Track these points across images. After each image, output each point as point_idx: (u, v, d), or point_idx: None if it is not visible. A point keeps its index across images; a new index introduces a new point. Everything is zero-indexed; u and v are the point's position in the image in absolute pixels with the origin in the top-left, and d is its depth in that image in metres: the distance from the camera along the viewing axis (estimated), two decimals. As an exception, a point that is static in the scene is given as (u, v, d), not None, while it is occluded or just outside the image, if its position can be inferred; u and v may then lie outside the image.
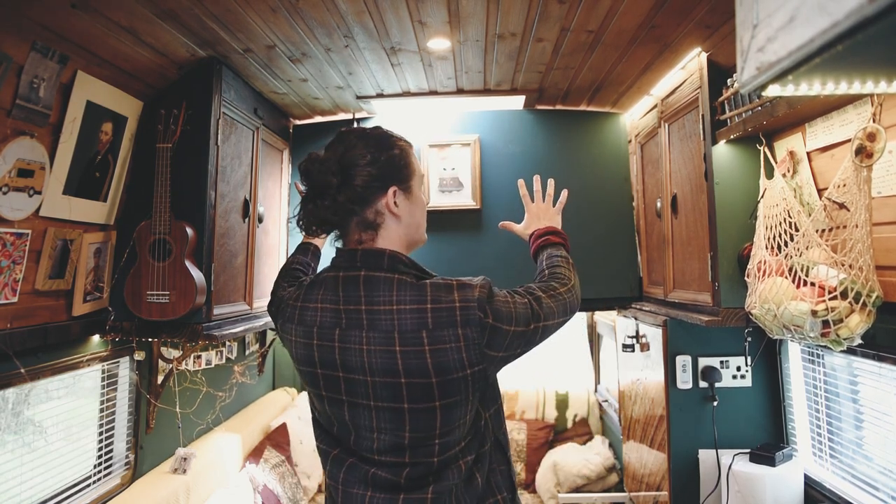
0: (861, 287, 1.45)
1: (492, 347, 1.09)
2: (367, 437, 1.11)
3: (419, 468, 1.10)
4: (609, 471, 3.68)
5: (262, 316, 2.62)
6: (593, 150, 2.97)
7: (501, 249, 2.91)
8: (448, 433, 1.10)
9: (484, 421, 1.18)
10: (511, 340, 1.12)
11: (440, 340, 1.05)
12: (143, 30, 1.78)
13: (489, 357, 1.09)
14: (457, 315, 1.06)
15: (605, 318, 3.83)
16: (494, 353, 1.10)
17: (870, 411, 1.82)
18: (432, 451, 1.09)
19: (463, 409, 1.10)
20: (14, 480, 1.76)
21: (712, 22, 1.86)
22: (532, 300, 1.20)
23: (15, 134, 1.56)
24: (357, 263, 1.14)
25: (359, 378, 1.09)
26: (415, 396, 1.07)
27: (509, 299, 1.15)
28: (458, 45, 2.11)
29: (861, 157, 1.45)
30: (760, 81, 0.69)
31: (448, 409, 1.08)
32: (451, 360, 1.05)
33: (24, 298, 1.71)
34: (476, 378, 1.09)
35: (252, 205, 2.50)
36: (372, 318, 1.08)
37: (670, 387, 2.32)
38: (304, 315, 1.16)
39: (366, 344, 1.08)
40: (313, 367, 1.14)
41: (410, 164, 1.23)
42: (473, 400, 1.13)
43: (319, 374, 1.14)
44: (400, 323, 1.06)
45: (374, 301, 1.09)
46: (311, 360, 1.14)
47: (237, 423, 3.03)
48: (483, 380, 1.12)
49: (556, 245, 1.47)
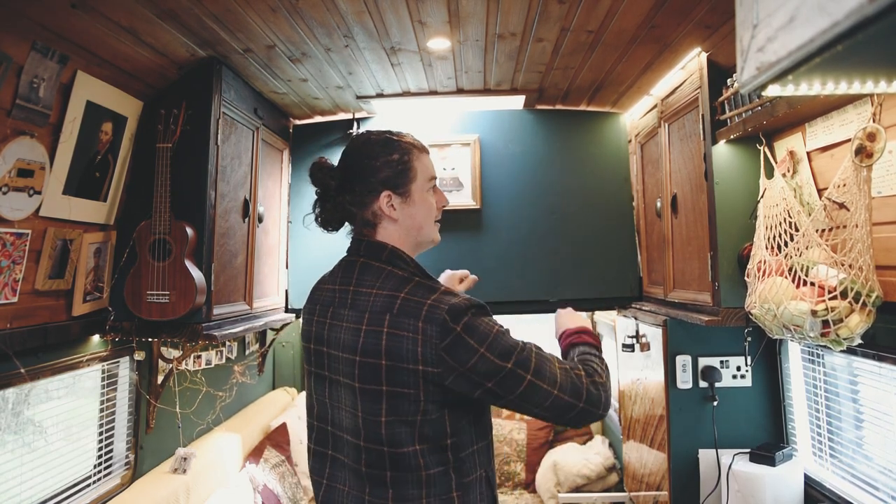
0: (861, 287, 1.45)
1: (452, 355, 1.07)
2: (338, 411, 1.19)
3: (372, 454, 1.13)
4: (609, 470, 3.68)
5: (261, 316, 2.62)
6: (593, 150, 2.97)
7: (501, 249, 2.91)
8: (396, 424, 1.10)
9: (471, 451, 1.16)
10: (479, 363, 1.07)
11: (399, 327, 1.10)
12: (143, 30, 1.78)
13: (448, 364, 1.08)
14: (423, 310, 1.10)
15: (605, 318, 3.82)
16: (454, 362, 1.08)
17: (870, 411, 1.82)
18: (381, 438, 1.11)
19: (413, 405, 1.10)
20: (14, 480, 1.75)
21: (712, 22, 1.86)
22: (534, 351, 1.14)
23: (15, 134, 1.56)
24: (360, 252, 1.24)
25: (335, 353, 1.18)
26: (365, 376, 1.12)
27: (497, 329, 1.12)
28: (458, 44, 2.11)
29: (861, 157, 1.45)
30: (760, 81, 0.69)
31: (394, 397, 1.10)
32: (405, 349, 1.09)
33: (24, 298, 1.71)
34: (430, 379, 1.09)
35: (252, 205, 2.50)
36: (355, 298, 1.18)
37: (670, 387, 2.32)
38: (315, 294, 1.32)
39: (345, 321, 1.17)
40: (309, 343, 1.26)
41: (411, 169, 1.24)
42: (427, 402, 1.10)
43: (312, 348, 1.25)
44: (372, 304, 1.14)
45: (362, 283, 1.19)
46: (309, 336, 1.26)
47: (237, 422, 3.02)
48: (440, 386, 1.09)
49: (589, 345, 1.32)
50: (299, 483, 3.06)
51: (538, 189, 2.94)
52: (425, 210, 1.26)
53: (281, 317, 2.83)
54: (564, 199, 2.93)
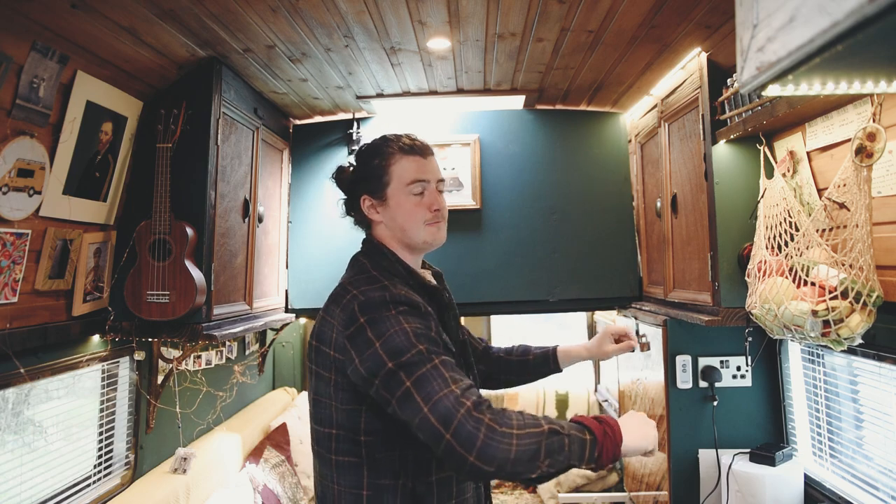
0: (861, 287, 1.45)
1: (353, 345, 1.09)
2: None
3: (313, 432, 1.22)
4: (609, 470, 3.68)
5: (261, 316, 2.62)
6: (593, 150, 2.97)
7: (501, 249, 2.91)
8: (320, 404, 1.17)
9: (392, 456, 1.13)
10: (370, 357, 1.05)
11: (328, 313, 1.19)
12: (143, 30, 1.78)
13: (349, 354, 1.10)
14: (344, 298, 1.16)
15: (605, 318, 3.83)
16: (354, 353, 1.08)
17: (870, 411, 1.82)
18: (314, 415, 1.20)
19: (329, 388, 1.15)
20: (14, 480, 1.75)
21: (712, 22, 1.86)
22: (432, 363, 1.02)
23: (15, 134, 1.56)
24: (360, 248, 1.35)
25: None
26: (311, 357, 1.21)
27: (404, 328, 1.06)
28: (458, 44, 2.11)
29: (861, 157, 1.45)
30: (760, 81, 0.69)
31: (319, 378, 1.18)
32: (326, 334, 1.16)
33: (24, 298, 1.71)
34: (338, 367, 1.13)
35: (252, 205, 2.50)
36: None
37: (670, 387, 2.32)
38: None
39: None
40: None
41: (385, 174, 1.28)
42: (338, 389, 1.13)
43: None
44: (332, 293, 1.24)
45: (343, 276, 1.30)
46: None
47: (237, 422, 3.02)
48: (345, 375, 1.12)
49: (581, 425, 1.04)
50: (299, 483, 3.06)
51: (538, 189, 2.94)
52: (403, 213, 1.28)
53: (281, 317, 2.83)
54: (564, 199, 2.94)
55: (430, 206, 1.30)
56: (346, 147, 2.97)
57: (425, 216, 1.29)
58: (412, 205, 1.29)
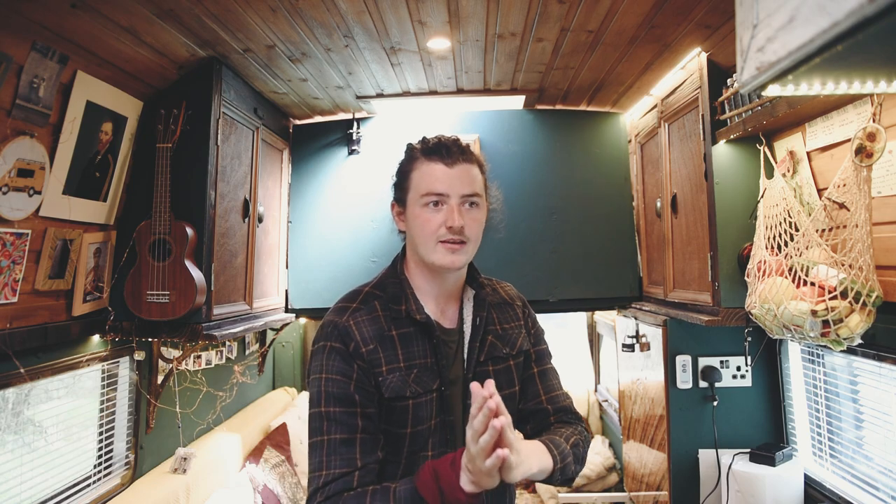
0: (861, 287, 1.45)
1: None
2: None
3: None
4: (609, 470, 3.68)
5: (261, 316, 2.62)
6: (593, 150, 2.97)
7: (501, 249, 2.91)
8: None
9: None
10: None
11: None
12: (143, 30, 1.78)
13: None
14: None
15: (605, 318, 3.83)
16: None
17: (870, 411, 1.82)
18: None
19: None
20: (14, 480, 1.75)
21: (712, 22, 1.86)
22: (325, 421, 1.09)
23: (15, 134, 1.56)
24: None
25: None
26: None
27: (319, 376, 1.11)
28: (458, 44, 2.11)
29: (861, 157, 1.45)
30: (760, 81, 0.69)
31: None
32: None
33: (24, 298, 1.71)
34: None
35: (252, 205, 2.50)
36: None
37: (670, 387, 2.32)
38: None
39: None
40: None
41: (408, 180, 1.17)
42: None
43: None
44: None
45: None
46: None
47: (237, 422, 3.02)
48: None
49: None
50: (299, 483, 3.06)
51: (538, 189, 2.94)
52: (416, 227, 1.14)
53: (281, 317, 2.83)
54: (564, 199, 2.93)
55: (444, 222, 1.12)
56: (346, 147, 2.97)
57: (438, 234, 1.12)
58: (425, 219, 1.13)
